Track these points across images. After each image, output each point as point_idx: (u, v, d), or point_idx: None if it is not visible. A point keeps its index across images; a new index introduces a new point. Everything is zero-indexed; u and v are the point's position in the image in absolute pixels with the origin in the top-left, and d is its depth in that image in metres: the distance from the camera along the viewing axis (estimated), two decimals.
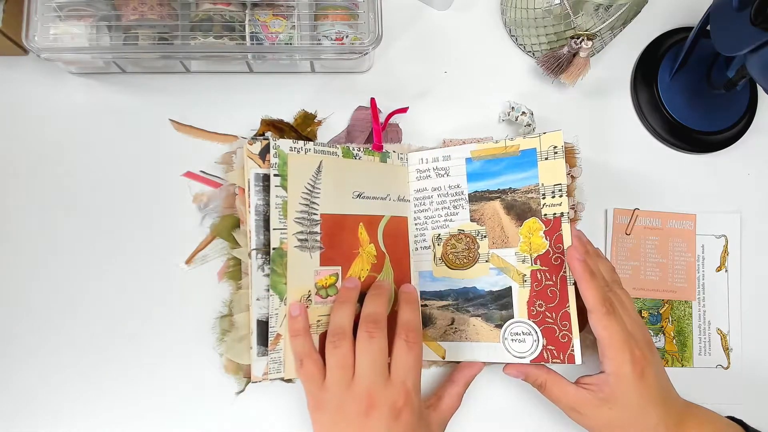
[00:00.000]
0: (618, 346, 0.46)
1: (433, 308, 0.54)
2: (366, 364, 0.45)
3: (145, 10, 0.51)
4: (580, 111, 0.60)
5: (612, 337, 0.46)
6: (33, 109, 0.56)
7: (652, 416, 0.46)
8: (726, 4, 0.48)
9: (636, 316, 0.49)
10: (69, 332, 0.53)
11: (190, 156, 0.56)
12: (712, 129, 0.60)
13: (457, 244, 0.53)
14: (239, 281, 0.52)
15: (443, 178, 0.54)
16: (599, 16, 0.52)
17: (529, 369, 0.50)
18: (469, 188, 0.53)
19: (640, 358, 0.46)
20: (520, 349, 0.50)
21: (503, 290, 0.51)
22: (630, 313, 0.48)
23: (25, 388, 0.52)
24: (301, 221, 0.49)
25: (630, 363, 0.45)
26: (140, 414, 0.52)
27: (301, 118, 0.57)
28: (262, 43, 0.52)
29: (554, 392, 0.49)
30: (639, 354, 0.46)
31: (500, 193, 0.52)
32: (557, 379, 0.49)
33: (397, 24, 0.60)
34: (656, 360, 0.47)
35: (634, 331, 0.47)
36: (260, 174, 0.49)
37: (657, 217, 0.58)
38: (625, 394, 0.46)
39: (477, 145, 0.53)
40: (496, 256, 0.52)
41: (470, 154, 0.54)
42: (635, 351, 0.46)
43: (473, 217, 0.53)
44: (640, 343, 0.47)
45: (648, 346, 0.47)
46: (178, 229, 0.55)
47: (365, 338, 0.45)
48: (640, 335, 0.47)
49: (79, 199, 0.55)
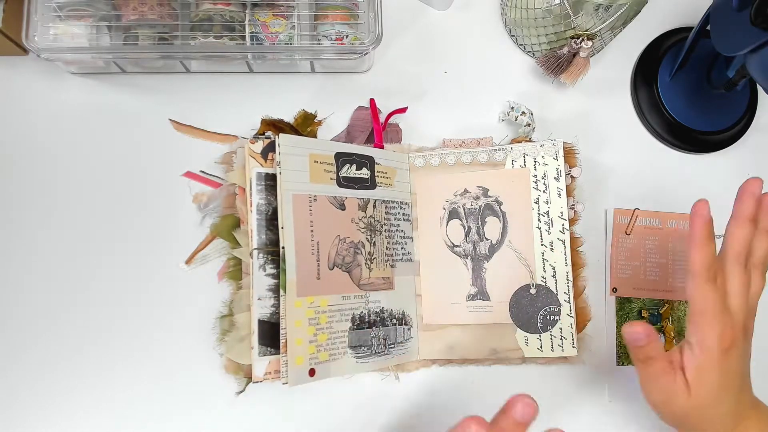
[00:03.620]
0: (710, 316, 0.43)
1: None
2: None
3: (145, 10, 0.51)
4: (580, 111, 0.60)
5: (706, 305, 0.43)
6: (33, 109, 0.56)
7: (724, 402, 0.44)
8: (726, 4, 0.48)
9: (751, 303, 0.45)
10: (69, 332, 0.53)
11: (190, 156, 0.56)
12: (712, 129, 0.60)
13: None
14: (239, 281, 0.52)
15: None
16: (599, 16, 0.52)
17: (653, 340, 0.44)
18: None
19: (729, 335, 0.43)
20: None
21: None
22: (742, 295, 0.44)
23: (24, 388, 0.52)
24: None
25: (718, 337, 0.42)
26: (140, 414, 0.52)
27: (301, 118, 0.57)
28: (262, 43, 0.52)
29: (660, 369, 0.44)
30: (730, 332, 0.43)
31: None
32: (667, 357, 0.45)
33: (397, 24, 0.60)
34: (745, 346, 0.44)
35: (735, 311, 0.44)
36: (262, 173, 0.49)
37: (657, 217, 0.58)
38: (708, 374, 0.43)
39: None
40: None
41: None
42: (727, 328, 0.43)
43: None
44: (736, 324, 0.43)
45: (743, 331, 0.44)
46: (178, 229, 0.55)
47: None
48: (741, 317, 0.44)
49: (79, 199, 0.55)
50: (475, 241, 0.55)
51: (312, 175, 0.50)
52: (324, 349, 0.48)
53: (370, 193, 0.53)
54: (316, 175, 0.50)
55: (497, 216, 0.55)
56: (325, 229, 0.50)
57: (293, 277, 0.47)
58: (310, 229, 0.49)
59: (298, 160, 0.49)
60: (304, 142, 0.50)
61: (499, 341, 0.54)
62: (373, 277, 0.52)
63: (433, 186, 0.56)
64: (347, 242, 0.51)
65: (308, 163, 0.50)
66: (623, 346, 0.57)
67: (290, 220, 0.48)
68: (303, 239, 0.48)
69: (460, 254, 0.55)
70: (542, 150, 0.55)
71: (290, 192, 0.48)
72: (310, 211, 0.49)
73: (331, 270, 0.50)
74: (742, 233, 0.45)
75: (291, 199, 0.48)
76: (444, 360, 0.54)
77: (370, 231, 0.52)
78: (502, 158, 0.55)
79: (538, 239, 0.54)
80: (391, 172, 0.55)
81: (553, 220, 0.54)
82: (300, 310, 0.47)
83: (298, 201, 0.48)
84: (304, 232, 0.48)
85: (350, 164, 0.52)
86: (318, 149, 0.51)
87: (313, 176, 0.50)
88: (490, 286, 0.54)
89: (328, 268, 0.49)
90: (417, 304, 0.55)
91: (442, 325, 0.54)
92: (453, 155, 0.56)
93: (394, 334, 0.52)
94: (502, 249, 0.55)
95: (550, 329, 0.53)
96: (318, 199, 0.50)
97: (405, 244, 0.55)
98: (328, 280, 0.49)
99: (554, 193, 0.54)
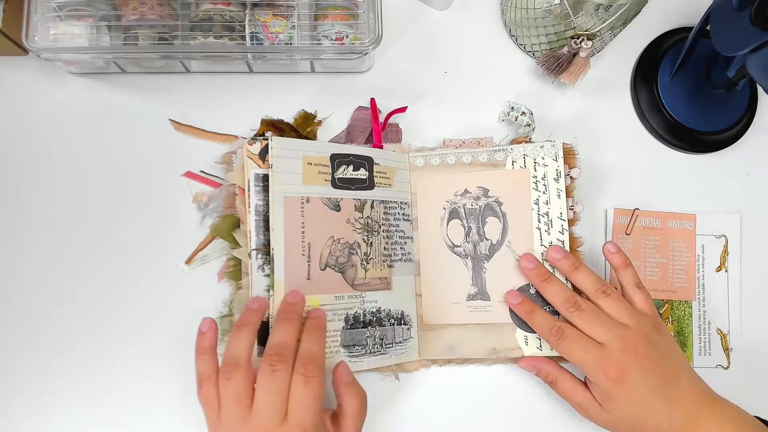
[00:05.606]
0: (584, 365, 0.47)
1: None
2: (264, 401, 0.42)
3: (145, 10, 0.51)
4: (580, 111, 0.60)
5: (572, 358, 0.47)
6: (33, 109, 0.56)
7: (648, 417, 0.46)
8: (726, 4, 0.48)
9: (609, 322, 0.47)
10: (68, 332, 0.53)
11: (190, 156, 0.56)
12: (712, 129, 0.60)
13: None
14: (239, 281, 0.52)
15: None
16: (599, 16, 0.52)
17: (541, 364, 0.51)
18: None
19: (610, 366, 0.45)
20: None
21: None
22: (602, 327, 0.47)
23: (23, 388, 0.52)
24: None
25: (603, 376, 0.46)
26: (140, 413, 0.52)
27: (301, 118, 0.57)
28: (262, 43, 0.52)
29: (565, 389, 0.49)
30: (608, 363, 0.46)
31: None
32: (568, 377, 0.50)
33: (397, 24, 0.60)
34: (639, 361, 0.46)
35: (605, 340, 0.46)
36: (260, 174, 0.49)
37: (657, 217, 0.58)
38: (614, 401, 0.46)
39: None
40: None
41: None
42: (602, 361, 0.46)
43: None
44: (611, 351, 0.46)
45: (623, 351, 0.46)
46: (178, 229, 0.55)
47: (267, 371, 0.42)
48: (617, 344, 0.46)
49: (78, 199, 0.55)
50: (476, 241, 0.55)
51: (305, 177, 0.50)
52: None
53: (368, 194, 0.53)
54: (310, 177, 0.50)
55: (497, 216, 0.55)
56: (317, 230, 0.50)
57: (281, 277, 0.48)
58: (301, 230, 0.49)
59: (291, 162, 0.49)
60: (298, 144, 0.51)
61: (499, 341, 0.54)
62: (368, 278, 0.52)
63: (434, 186, 0.56)
64: (342, 243, 0.51)
65: (301, 165, 0.50)
66: None
67: (280, 222, 0.48)
68: (293, 241, 0.48)
69: (461, 254, 0.55)
70: (542, 151, 0.55)
71: (281, 194, 0.48)
72: (302, 212, 0.49)
73: (323, 270, 0.50)
74: (553, 290, 0.50)
75: (282, 202, 0.48)
76: (444, 360, 0.54)
77: (366, 231, 0.52)
78: (503, 159, 0.55)
79: (537, 240, 0.54)
80: (390, 172, 0.55)
81: (552, 220, 0.54)
82: None
83: (290, 203, 0.49)
84: (295, 233, 0.49)
85: (347, 165, 0.52)
86: (312, 151, 0.51)
87: (306, 178, 0.50)
88: (491, 286, 0.54)
89: (319, 269, 0.50)
90: (417, 304, 0.55)
91: (442, 325, 0.54)
92: (453, 155, 0.56)
93: (392, 333, 0.52)
94: (502, 249, 0.55)
95: None
96: (311, 200, 0.50)
97: (404, 245, 0.55)
98: (319, 280, 0.49)
99: (554, 194, 0.54)
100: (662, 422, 0.45)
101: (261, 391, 0.42)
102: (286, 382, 0.42)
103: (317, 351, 0.45)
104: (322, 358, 0.45)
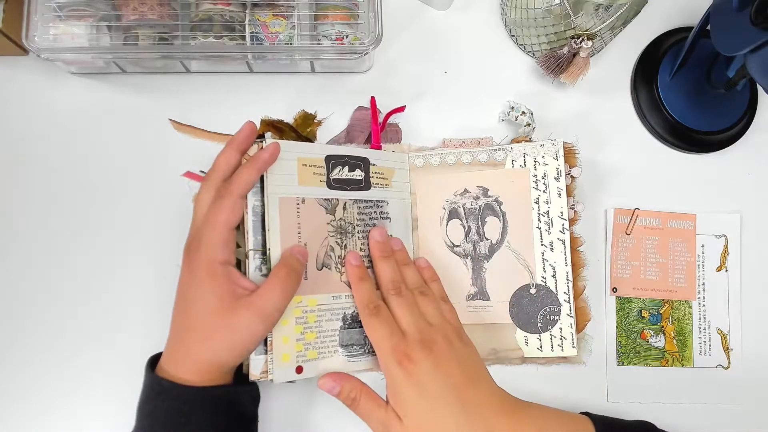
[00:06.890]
0: (382, 347, 0.45)
1: None
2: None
3: (145, 10, 0.51)
4: (580, 111, 0.60)
5: (374, 338, 0.46)
6: (33, 109, 0.56)
7: (447, 419, 0.43)
8: (726, 4, 0.48)
9: (418, 314, 0.47)
10: (67, 332, 0.53)
11: (190, 156, 0.56)
12: (712, 129, 0.60)
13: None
14: None
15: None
16: (599, 16, 0.52)
17: (344, 381, 0.46)
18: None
19: (403, 353, 0.44)
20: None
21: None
22: (410, 315, 0.47)
23: (22, 388, 0.52)
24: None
25: (393, 360, 0.44)
26: None
27: (301, 118, 0.57)
28: (262, 43, 0.52)
29: (368, 407, 0.45)
30: (403, 349, 0.44)
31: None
32: (371, 394, 0.46)
33: (397, 24, 0.60)
34: (432, 355, 0.44)
35: (408, 329, 0.46)
36: None
37: (657, 217, 0.58)
38: (405, 398, 0.44)
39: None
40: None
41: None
42: (398, 347, 0.45)
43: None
44: (409, 341, 0.45)
45: (420, 343, 0.45)
46: (177, 229, 0.55)
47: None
48: (417, 335, 0.45)
49: (78, 199, 0.55)
50: (475, 241, 0.55)
51: (300, 178, 0.50)
52: (312, 347, 0.48)
53: (365, 194, 0.53)
54: (305, 178, 0.50)
55: (497, 216, 0.55)
56: (313, 230, 0.50)
57: None
58: (297, 231, 0.49)
59: (286, 164, 0.49)
60: (292, 146, 0.50)
61: (499, 341, 0.54)
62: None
63: (433, 186, 0.56)
64: (327, 244, 0.51)
65: (296, 166, 0.50)
66: (623, 346, 0.57)
67: (276, 222, 0.48)
68: (289, 241, 0.48)
69: (460, 254, 0.55)
70: (542, 150, 0.55)
71: (276, 195, 0.48)
72: (298, 213, 0.49)
73: (319, 270, 0.50)
74: (386, 268, 0.50)
75: (277, 203, 0.48)
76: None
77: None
78: (502, 158, 0.55)
79: (538, 239, 0.54)
80: (387, 172, 0.55)
81: (553, 220, 0.54)
82: (287, 309, 0.47)
83: (285, 204, 0.49)
84: (291, 234, 0.49)
85: (342, 166, 0.52)
86: (307, 153, 0.51)
87: (301, 179, 0.50)
88: (490, 286, 0.54)
89: (316, 269, 0.50)
90: None
91: None
92: (453, 155, 0.56)
93: None
94: (502, 249, 0.55)
95: (550, 329, 0.53)
96: (306, 201, 0.50)
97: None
98: (316, 279, 0.49)
99: (554, 193, 0.54)
100: (463, 427, 0.43)
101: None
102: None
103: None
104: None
